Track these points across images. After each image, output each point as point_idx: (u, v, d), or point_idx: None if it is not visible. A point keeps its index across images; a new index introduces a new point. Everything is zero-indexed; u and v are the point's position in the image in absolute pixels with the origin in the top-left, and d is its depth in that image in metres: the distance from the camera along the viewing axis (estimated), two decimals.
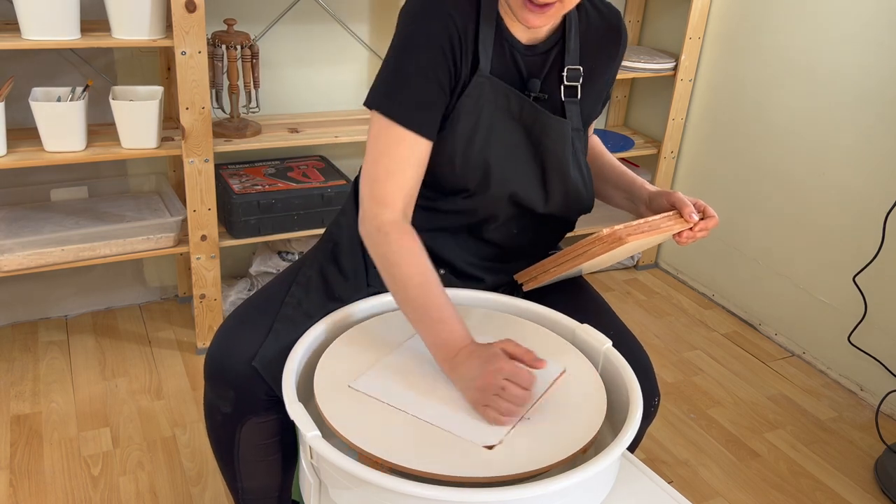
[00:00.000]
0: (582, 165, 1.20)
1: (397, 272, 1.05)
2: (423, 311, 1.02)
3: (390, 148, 1.07)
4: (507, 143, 1.14)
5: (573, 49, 1.16)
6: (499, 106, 1.12)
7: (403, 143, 1.07)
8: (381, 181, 1.08)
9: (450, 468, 0.87)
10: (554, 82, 1.16)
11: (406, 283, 1.04)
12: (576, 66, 1.16)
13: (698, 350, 2.30)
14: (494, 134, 1.13)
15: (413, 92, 1.07)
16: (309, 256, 1.27)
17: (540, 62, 1.15)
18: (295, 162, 2.23)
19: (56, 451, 1.74)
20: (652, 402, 1.18)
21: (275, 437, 1.18)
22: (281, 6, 2.14)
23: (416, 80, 1.07)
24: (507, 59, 1.13)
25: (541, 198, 1.18)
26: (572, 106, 1.17)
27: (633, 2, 2.67)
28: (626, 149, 2.58)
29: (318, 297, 1.19)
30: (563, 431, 0.95)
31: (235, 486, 1.24)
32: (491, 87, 1.11)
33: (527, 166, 1.16)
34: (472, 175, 1.14)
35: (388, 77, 1.09)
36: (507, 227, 1.22)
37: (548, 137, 1.14)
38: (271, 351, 1.11)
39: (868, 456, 1.90)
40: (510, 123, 1.13)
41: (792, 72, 2.21)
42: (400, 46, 1.08)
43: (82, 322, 2.23)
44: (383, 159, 1.08)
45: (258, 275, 2.28)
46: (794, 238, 2.27)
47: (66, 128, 1.78)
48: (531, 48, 1.14)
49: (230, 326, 1.16)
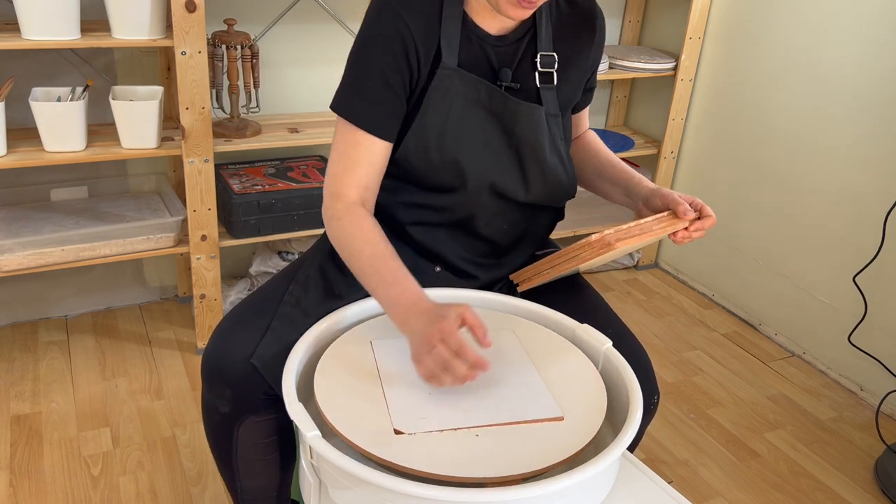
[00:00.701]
0: (561, 151, 1.21)
1: (351, 248, 1.11)
2: (377, 277, 1.07)
3: (349, 148, 1.14)
4: (481, 134, 1.16)
5: (545, 36, 1.18)
6: (469, 98, 1.14)
7: (360, 144, 1.13)
8: (338, 177, 1.15)
9: (450, 468, 0.87)
10: (527, 70, 1.18)
11: (359, 255, 1.10)
12: (549, 52, 1.18)
13: (698, 350, 2.30)
14: (467, 126, 1.15)
15: (368, 95, 1.12)
16: (307, 256, 1.27)
17: (511, 52, 1.17)
18: (295, 162, 2.24)
19: (56, 451, 1.74)
20: (652, 400, 1.18)
21: (273, 436, 1.18)
22: (281, 6, 2.14)
23: (371, 83, 1.11)
24: (477, 52, 1.15)
25: (521, 186, 1.20)
26: (548, 92, 1.19)
27: (633, 2, 2.67)
28: (626, 149, 2.58)
29: (317, 295, 1.19)
30: (564, 431, 0.95)
31: (234, 486, 1.24)
32: (459, 80, 1.13)
33: (503, 156, 1.17)
34: (448, 169, 1.16)
35: (346, 80, 1.15)
36: (496, 222, 1.23)
37: (519, 125, 1.16)
38: (269, 349, 1.11)
39: (868, 456, 1.90)
40: (482, 114, 1.15)
41: (792, 72, 2.21)
42: (356, 50, 1.13)
43: (82, 322, 2.23)
44: (343, 159, 1.14)
45: (258, 275, 2.28)
46: (794, 238, 2.27)
47: (66, 128, 1.78)
48: (501, 38, 1.16)
49: (227, 326, 1.16)
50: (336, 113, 1.15)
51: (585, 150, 1.36)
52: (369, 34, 1.11)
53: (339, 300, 1.19)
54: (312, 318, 1.13)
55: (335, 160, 1.15)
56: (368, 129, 1.12)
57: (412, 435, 0.93)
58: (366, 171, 1.14)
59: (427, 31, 1.11)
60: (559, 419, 0.97)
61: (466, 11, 1.14)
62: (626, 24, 2.72)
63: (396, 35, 1.10)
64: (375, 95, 1.12)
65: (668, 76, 2.51)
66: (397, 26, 1.09)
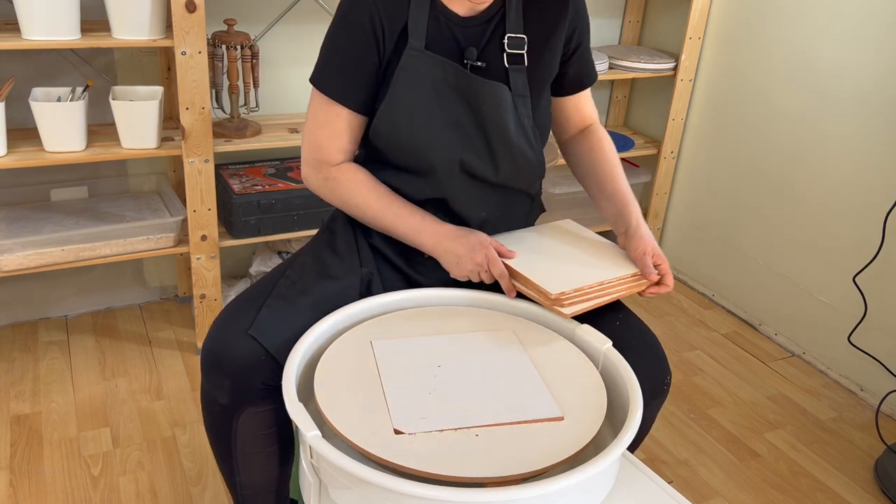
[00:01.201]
0: (528, 130, 1.23)
1: (358, 201, 1.22)
2: (392, 214, 1.20)
3: (329, 121, 1.21)
4: (448, 114, 1.19)
5: (514, 18, 1.20)
6: (436, 78, 1.18)
7: (341, 116, 1.21)
8: (323, 146, 1.22)
9: (449, 468, 0.87)
10: (496, 51, 1.20)
11: (370, 204, 1.21)
12: (518, 34, 1.20)
13: (698, 350, 2.30)
14: (434, 106, 1.18)
15: (342, 69, 1.18)
16: (302, 250, 1.30)
17: (479, 32, 1.20)
18: (295, 162, 2.23)
19: (56, 451, 1.74)
20: (664, 381, 1.19)
21: (272, 427, 1.18)
22: (281, 6, 2.14)
23: (343, 57, 1.18)
24: (444, 32, 1.19)
25: (489, 166, 1.23)
26: (517, 73, 1.21)
27: (633, 2, 2.67)
28: (626, 149, 2.58)
29: (313, 275, 1.22)
30: (563, 431, 0.95)
31: (234, 482, 1.24)
32: (425, 60, 1.17)
33: (471, 135, 1.21)
34: (418, 148, 1.20)
35: (323, 53, 1.21)
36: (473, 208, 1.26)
37: (485, 104, 1.19)
38: (266, 321, 1.13)
39: (868, 456, 1.90)
40: (449, 94, 1.19)
41: (792, 72, 2.21)
42: (334, 24, 1.19)
43: (82, 322, 2.23)
44: (324, 129, 1.22)
45: (258, 275, 2.28)
46: (794, 238, 2.27)
47: (66, 128, 1.78)
48: (469, 20, 1.19)
49: (225, 318, 1.17)
50: (315, 87, 1.21)
51: (592, 152, 1.35)
52: (343, 12, 1.18)
53: (336, 280, 1.21)
54: (308, 296, 1.16)
55: (314, 130, 1.22)
56: (345, 103, 1.19)
57: (412, 435, 0.93)
58: (349, 139, 1.22)
59: (395, 12, 1.16)
60: (559, 419, 0.97)
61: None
62: (626, 24, 2.72)
63: (366, 14, 1.15)
64: (349, 69, 1.18)
65: (668, 76, 2.51)
66: (367, 6, 1.15)
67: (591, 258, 1.24)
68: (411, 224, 1.20)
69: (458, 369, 1.05)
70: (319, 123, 1.22)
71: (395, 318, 1.17)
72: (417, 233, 1.20)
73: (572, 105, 1.36)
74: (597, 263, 1.23)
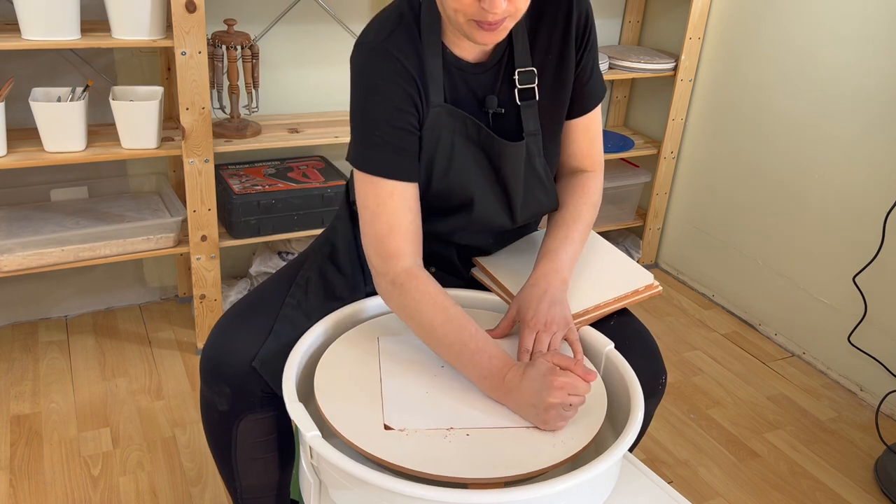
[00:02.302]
0: (538, 170, 1.19)
1: (421, 318, 1.05)
2: (459, 347, 1.02)
3: (383, 202, 1.08)
4: (470, 167, 1.15)
5: (521, 51, 1.14)
6: (458, 131, 1.12)
7: (394, 195, 1.08)
8: (384, 238, 1.08)
9: (450, 469, 0.87)
10: (509, 91, 1.15)
11: (432, 324, 1.04)
12: (526, 67, 1.14)
13: (698, 350, 2.30)
14: (456, 159, 1.13)
15: (387, 142, 1.07)
16: (306, 257, 1.28)
17: (492, 77, 1.14)
18: (295, 162, 2.23)
19: (56, 451, 1.74)
20: (659, 380, 1.19)
21: (272, 434, 1.18)
22: (281, 6, 2.14)
23: (386, 128, 1.07)
24: (459, 84, 1.12)
25: (507, 218, 1.21)
26: (528, 109, 1.16)
27: (633, 2, 2.67)
28: (626, 149, 2.58)
29: (318, 298, 1.20)
30: (564, 432, 0.95)
31: (233, 486, 1.24)
32: (448, 115, 1.11)
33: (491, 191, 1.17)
34: (441, 198, 1.16)
35: (360, 132, 1.09)
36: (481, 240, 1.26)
37: (506, 163, 1.15)
38: (271, 352, 1.11)
39: (868, 456, 1.90)
40: (470, 147, 1.14)
41: (792, 72, 2.21)
42: (361, 98, 1.08)
43: (82, 322, 2.23)
44: (381, 216, 1.08)
45: (258, 275, 2.28)
46: (794, 238, 2.27)
47: (66, 128, 1.78)
48: (480, 66, 1.13)
49: (226, 325, 1.16)
50: (359, 170, 1.09)
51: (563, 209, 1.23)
52: (370, 79, 1.07)
53: (341, 302, 1.19)
54: (314, 321, 1.14)
55: (371, 218, 1.09)
56: (397, 177, 1.08)
57: (401, 431, 0.93)
58: (409, 222, 1.09)
59: (416, 68, 1.08)
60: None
61: (445, 43, 1.11)
62: (626, 24, 2.72)
63: (398, 75, 1.06)
64: (394, 139, 1.08)
65: (668, 76, 2.51)
66: (395, 66, 1.06)
67: (588, 270, 1.24)
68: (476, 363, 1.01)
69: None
70: (374, 212, 1.08)
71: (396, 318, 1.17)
72: (480, 378, 1.02)
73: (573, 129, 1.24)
74: (594, 279, 1.22)
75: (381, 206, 1.08)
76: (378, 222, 1.08)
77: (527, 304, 1.09)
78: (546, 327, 1.06)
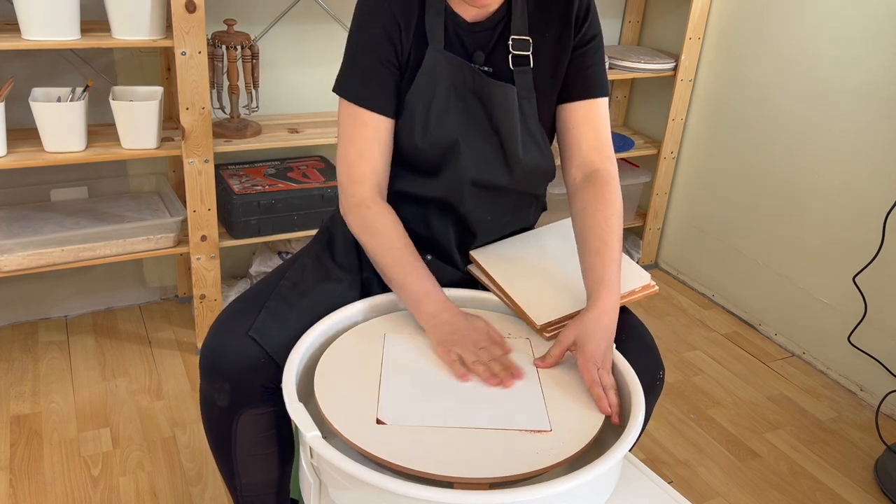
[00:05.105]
0: (534, 131, 1.23)
1: (380, 240, 1.17)
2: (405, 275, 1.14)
3: (358, 131, 1.19)
4: (466, 118, 1.20)
5: (519, 20, 1.20)
6: (454, 79, 1.19)
7: (367, 126, 1.19)
8: (354, 163, 1.20)
9: (450, 469, 0.87)
10: (502, 55, 1.21)
11: (389, 248, 1.16)
12: (523, 35, 1.21)
13: (698, 350, 2.30)
14: (452, 108, 1.19)
15: (365, 74, 1.18)
16: (302, 252, 1.30)
17: (486, 37, 1.21)
18: (295, 162, 2.23)
19: (56, 451, 1.74)
20: (657, 375, 1.18)
21: (272, 429, 1.18)
22: (281, 6, 2.14)
23: (364, 60, 1.18)
24: (452, 37, 1.20)
25: (503, 173, 1.23)
26: (522, 75, 1.21)
27: (633, 2, 2.67)
28: (626, 149, 2.58)
29: (314, 278, 1.22)
30: (564, 432, 0.95)
31: (234, 483, 1.24)
32: (445, 61, 1.18)
33: (486, 141, 1.21)
34: (435, 150, 1.20)
35: (344, 62, 1.21)
36: (480, 210, 1.26)
37: (497, 107, 1.19)
38: (265, 323, 1.13)
39: (868, 456, 1.90)
40: (466, 96, 1.20)
41: (792, 72, 2.21)
42: (352, 33, 1.20)
43: (82, 322, 2.23)
44: (355, 143, 1.19)
45: (258, 275, 2.28)
46: (794, 238, 2.27)
47: (66, 128, 1.78)
48: (476, 25, 1.20)
49: (225, 320, 1.17)
50: (340, 95, 1.20)
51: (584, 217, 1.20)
52: (359, 20, 1.19)
53: (336, 283, 1.21)
54: (308, 298, 1.17)
55: (346, 146, 1.20)
56: (373, 108, 1.18)
57: (393, 426, 0.93)
58: (380, 152, 1.20)
59: (410, 13, 1.17)
60: (546, 432, 0.95)
61: (448, 2, 1.19)
62: (626, 24, 2.72)
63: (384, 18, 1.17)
64: (373, 73, 1.18)
65: (668, 76, 2.51)
66: (385, 9, 1.17)
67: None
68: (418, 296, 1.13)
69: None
70: (348, 139, 1.20)
71: (396, 318, 1.17)
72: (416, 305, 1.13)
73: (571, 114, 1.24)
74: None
75: (356, 135, 1.19)
76: (351, 149, 1.20)
77: (588, 337, 1.06)
78: (604, 365, 1.04)
